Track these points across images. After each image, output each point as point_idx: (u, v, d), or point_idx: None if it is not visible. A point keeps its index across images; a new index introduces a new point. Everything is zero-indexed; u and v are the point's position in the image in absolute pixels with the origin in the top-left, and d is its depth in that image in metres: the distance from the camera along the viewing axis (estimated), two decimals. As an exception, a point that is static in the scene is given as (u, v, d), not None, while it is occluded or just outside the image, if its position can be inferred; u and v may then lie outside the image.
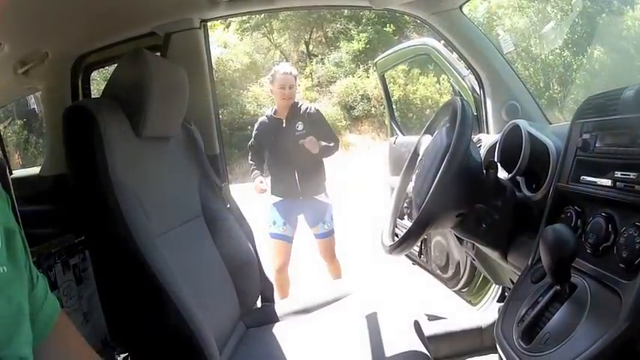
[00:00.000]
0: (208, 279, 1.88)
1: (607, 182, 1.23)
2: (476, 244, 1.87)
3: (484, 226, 1.62)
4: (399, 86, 18.10)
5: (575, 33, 15.87)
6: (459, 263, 2.82)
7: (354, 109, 19.45)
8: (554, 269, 1.12)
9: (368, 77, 19.75)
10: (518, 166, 1.70)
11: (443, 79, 18.83)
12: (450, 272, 2.91)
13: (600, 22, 15.76)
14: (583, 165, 1.36)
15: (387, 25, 21.23)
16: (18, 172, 3.80)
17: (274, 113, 3.65)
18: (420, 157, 1.86)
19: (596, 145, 1.31)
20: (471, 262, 2.62)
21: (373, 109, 19.29)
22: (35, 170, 2.98)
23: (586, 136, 1.35)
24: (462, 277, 2.86)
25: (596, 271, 1.17)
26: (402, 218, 2.78)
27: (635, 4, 15.61)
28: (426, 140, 1.90)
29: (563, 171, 1.42)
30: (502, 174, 1.79)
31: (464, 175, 1.51)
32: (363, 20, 21.61)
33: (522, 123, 1.78)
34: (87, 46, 2.46)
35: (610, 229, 1.18)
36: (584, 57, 16.50)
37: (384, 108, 15.81)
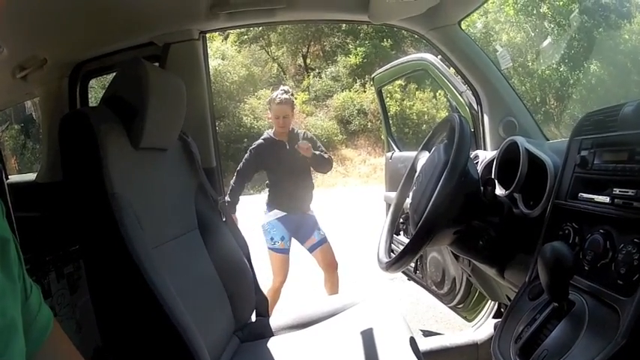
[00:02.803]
0: (202, 292, 1.86)
1: (605, 199, 1.23)
2: (472, 260, 1.86)
3: (481, 243, 1.61)
4: (396, 101, 18.17)
5: (571, 48, 15.97)
6: (454, 279, 2.81)
7: (351, 123, 19.49)
8: (553, 287, 1.12)
9: (365, 92, 19.80)
10: (515, 182, 1.70)
11: (439, 95, 18.88)
12: (446, 288, 2.89)
13: (597, 36, 15.81)
14: (581, 182, 1.36)
15: (385, 39, 21.31)
16: (14, 178, 3.78)
17: (274, 135, 3.71)
18: (417, 174, 1.85)
19: (595, 161, 1.31)
20: (467, 278, 2.60)
21: (369, 123, 19.31)
22: (31, 176, 2.96)
23: (584, 152, 1.36)
24: (457, 293, 2.84)
25: (594, 287, 1.16)
26: (398, 234, 2.77)
27: (632, 18, 15.66)
28: (424, 156, 1.89)
29: (561, 188, 1.42)
30: (499, 190, 1.78)
31: (462, 191, 1.50)
32: (361, 35, 21.69)
33: (520, 139, 1.78)
34: (85, 54, 2.46)
35: (608, 246, 1.18)
36: (580, 72, 16.53)
37: (380, 123, 15.84)
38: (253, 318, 2.23)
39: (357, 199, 12.14)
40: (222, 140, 17.64)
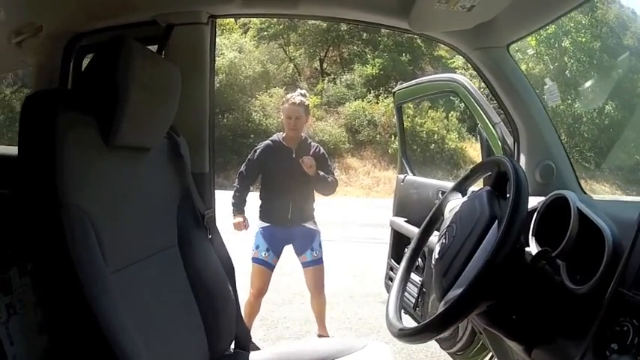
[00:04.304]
0: (174, 320, 1.60)
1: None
2: (500, 335, 1.55)
3: (514, 317, 1.32)
4: (407, 117, 18.16)
5: (589, 86, 16.10)
6: (458, 326, 2.54)
7: (360, 133, 19.57)
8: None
9: (377, 103, 20.00)
10: (561, 248, 1.39)
11: (452, 116, 19.00)
12: (447, 333, 2.62)
13: (615, 77, 15.84)
14: (657, 272, 1.07)
15: (404, 54, 21.72)
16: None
17: (282, 140, 3.59)
18: (447, 222, 1.53)
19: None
20: (472, 327, 2.33)
21: (378, 135, 19.39)
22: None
23: (666, 235, 1.06)
24: (459, 340, 2.59)
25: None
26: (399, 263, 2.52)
27: (654, 63, 15.71)
28: (455, 199, 1.59)
29: (627, 273, 1.12)
30: (535, 249, 1.48)
31: (511, 260, 1.20)
32: (380, 46, 22.10)
33: (571, 196, 1.47)
34: (83, 26, 2.23)
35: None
36: (595, 111, 16.58)
37: (389, 136, 15.82)
38: (232, 349, 1.98)
39: (357, 210, 12.01)
40: (229, 133, 17.94)
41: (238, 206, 3.59)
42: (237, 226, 3.53)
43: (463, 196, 1.58)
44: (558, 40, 17.60)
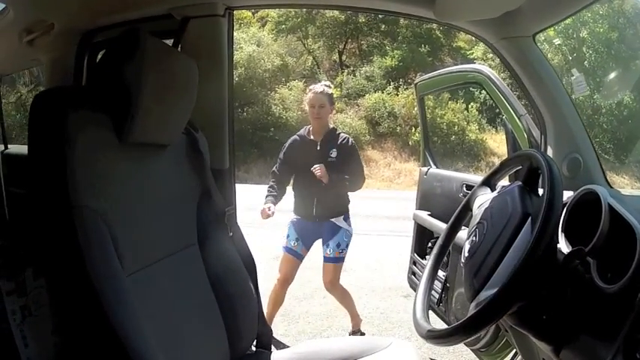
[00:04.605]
0: (194, 319, 1.57)
1: None
2: (530, 335, 1.50)
3: (544, 317, 1.27)
4: (428, 108, 17.95)
5: (608, 77, 15.99)
6: (483, 324, 2.48)
7: (380, 125, 19.55)
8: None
9: (397, 95, 19.93)
10: (592, 245, 1.33)
11: (472, 107, 18.85)
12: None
13: (633, 67, 15.64)
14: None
15: (423, 45, 21.60)
16: (15, 148, 3.51)
17: (308, 134, 3.57)
18: (477, 218, 1.48)
19: None
20: (497, 324, 2.27)
21: (399, 127, 19.33)
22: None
23: None
24: (483, 337, 2.53)
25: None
26: (424, 258, 2.46)
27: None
28: (484, 194, 1.53)
29: None
30: (566, 249, 1.42)
31: (545, 260, 1.15)
32: (399, 38, 22.08)
33: (601, 191, 1.41)
34: (96, 22, 2.19)
35: None
36: (613, 102, 16.43)
37: (409, 128, 15.69)
38: (254, 348, 1.95)
39: (378, 203, 11.93)
40: (249, 127, 18.11)
41: (269, 198, 3.53)
42: (263, 213, 3.45)
43: (492, 191, 1.52)
44: (576, 31, 17.46)
